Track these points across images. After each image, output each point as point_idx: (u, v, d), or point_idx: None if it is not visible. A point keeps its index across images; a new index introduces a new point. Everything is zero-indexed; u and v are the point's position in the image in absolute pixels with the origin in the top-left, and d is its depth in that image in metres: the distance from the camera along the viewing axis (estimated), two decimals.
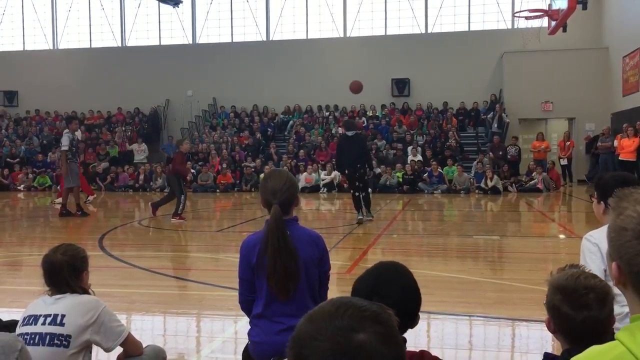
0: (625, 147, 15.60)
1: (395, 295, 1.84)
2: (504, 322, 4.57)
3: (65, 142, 11.50)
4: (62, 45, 26.13)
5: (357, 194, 10.32)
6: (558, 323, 1.90)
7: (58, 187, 16.60)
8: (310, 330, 0.95)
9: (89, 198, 14.84)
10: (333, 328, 0.94)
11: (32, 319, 2.60)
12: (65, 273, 2.65)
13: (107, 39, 25.65)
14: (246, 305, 2.73)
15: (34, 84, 25.01)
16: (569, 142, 18.84)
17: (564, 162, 18.75)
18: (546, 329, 1.99)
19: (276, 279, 2.51)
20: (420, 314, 1.97)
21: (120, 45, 25.56)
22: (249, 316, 2.74)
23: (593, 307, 1.83)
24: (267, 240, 2.52)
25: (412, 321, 1.91)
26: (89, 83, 24.74)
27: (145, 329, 4.59)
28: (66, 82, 24.80)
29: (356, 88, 12.36)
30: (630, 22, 17.77)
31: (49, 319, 2.57)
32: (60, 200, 12.46)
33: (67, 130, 11.78)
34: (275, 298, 2.56)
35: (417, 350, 1.93)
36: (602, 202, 2.82)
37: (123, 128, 23.44)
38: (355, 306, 0.98)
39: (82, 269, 2.75)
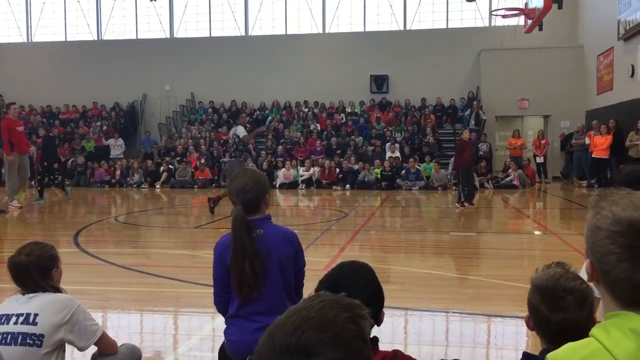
0: (598, 144, 15.85)
1: (356, 294, 1.85)
2: (480, 318, 4.62)
3: (241, 131, 11.38)
4: (37, 38, 25.67)
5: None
6: (536, 322, 1.91)
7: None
8: (267, 352, 0.93)
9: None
10: (288, 352, 0.92)
11: (4, 319, 2.55)
12: (32, 274, 2.59)
13: (82, 32, 25.27)
14: (222, 305, 2.72)
15: (8, 78, 24.50)
16: (543, 141, 19.09)
17: (540, 159, 19.00)
18: (522, 324, 2.00)
19: (234, 279, 2.54)
20: (397, 310, 1.97)
21: (96, 38, 25.21)
22: (224, 316, 2.73)
23: (570, 309, 1.82)
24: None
25: (375, 319, 1.90)
26: (64, 77, 24.36)
27: (121, 327, 4.55)
28: (41, 75, 24.38)
29: None
30: (604, 22, 18.05)
31: (21, 318, 2.53)
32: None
33: (238, 124, 11.65)
34: (249, 297, 2.56)
35: (390, 350, 1.94)
36: None
37: (99, 123, 23.15)
38: (317, 325, 0.94)
39: (50, 268, 2.68)
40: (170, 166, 19.64)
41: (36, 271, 2.61)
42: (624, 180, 2.64)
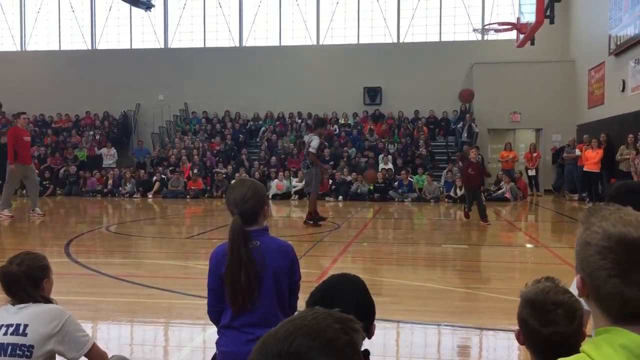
0: (589, 158, 15.97)
1: (347, 307, 1.85)
2: (472, 331, 4.62)
3: (315, 144, 11.00)
4: (31, 47, 25.65)
5: None
6: (526, 336, 1.91)
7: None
8: (260, 359, 0.94)
9: None
10: (280, 359, 0.93)
11: None
12: (23, 284, 2.57)
13: (77, 41, 25.27)
14: (215, 315, 2.72)
15: (1, 86, 24.47)
16: (535, 154, 19.22)
17: (532, 172, 19.11)
18: (514, 338, 2.00)
19: (228, 289, 2.54)
20: (388, 323, 1.97)
21: (90, 48, 25.20)
22: (217, 326, 2.72)
23: (560, 323, 1.84)
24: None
25: (366, 332, 1.90)
26: (58, 86, 24.31)
27: (112, 338, 4.52)
28: (34, 84, 24.32)
29: (467, 96, 13.96)
30: (595, 37, 18.24)
31: (11, 329, 2.51)
32: None
33: (314, 135, 11.27)
34: (242, 308, 2.55)
35: None
36: None
37: (91, 132, 23.09)
38: (309, 333, 0.95)
39: (41, 278, 2.67)
40: (163, 176, 19.60)
41: (27, 281, 2.59)
42: (615, 194, 2.64)
